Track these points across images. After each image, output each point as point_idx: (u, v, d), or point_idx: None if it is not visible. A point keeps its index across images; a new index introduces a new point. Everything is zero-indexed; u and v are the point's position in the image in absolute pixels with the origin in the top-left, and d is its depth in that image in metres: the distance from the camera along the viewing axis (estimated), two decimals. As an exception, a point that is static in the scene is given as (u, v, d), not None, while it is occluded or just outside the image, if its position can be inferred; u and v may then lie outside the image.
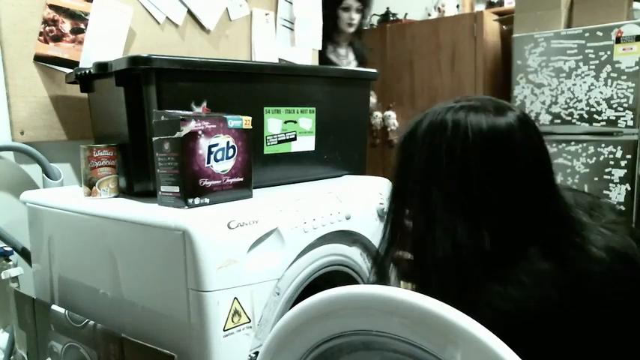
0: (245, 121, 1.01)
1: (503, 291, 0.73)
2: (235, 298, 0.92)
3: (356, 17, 2.50)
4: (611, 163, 2.53)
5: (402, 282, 1.25)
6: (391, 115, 2.99)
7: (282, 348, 0.79)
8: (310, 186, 1.23)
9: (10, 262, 1.29)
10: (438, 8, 3.29)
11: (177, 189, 0.95)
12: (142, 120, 1.06)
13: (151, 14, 1.57)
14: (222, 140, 0.98)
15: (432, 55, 3.02)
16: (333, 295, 0.71)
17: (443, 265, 0.77)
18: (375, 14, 3.33)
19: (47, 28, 1.36)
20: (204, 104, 1.07)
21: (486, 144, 0.75)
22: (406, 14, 3.26)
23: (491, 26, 2.95)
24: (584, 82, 2.57)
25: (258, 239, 0.97)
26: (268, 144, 1.20)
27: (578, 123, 2.61)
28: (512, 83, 2.77)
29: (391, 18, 3.26)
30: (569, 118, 2.64)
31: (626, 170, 2.49)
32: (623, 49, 2.43)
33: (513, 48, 2.75)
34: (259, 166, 1.16)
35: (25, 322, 1.18)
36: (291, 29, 2.02)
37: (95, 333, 0.99)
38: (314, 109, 1.28)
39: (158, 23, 1.60)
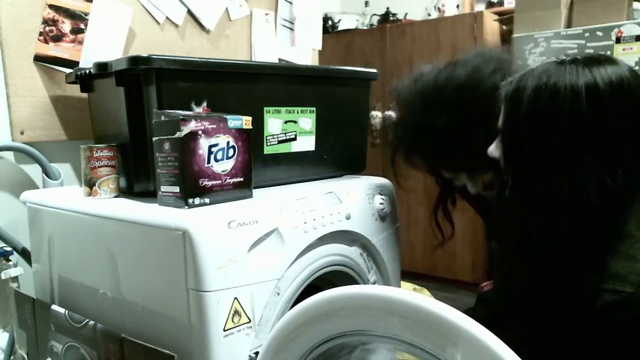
0: (245, 121, 1.01)
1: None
2: (235, 298, 0.92)
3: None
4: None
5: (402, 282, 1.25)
6: (391, 115, 2.99)
7: (282, 348, 0.79)
8: (310, 186, 1.23)
9: (10, 262, 1.29)
10: (438, 8, 3.29)
11: (177, 189, 0.95)
12: (142, 120, 1.06)
13: (151, 14, 1.57)
14: (223, 140, 0.98)
15: (432, 55, 3.02)
16: (333, 295, 0.71)
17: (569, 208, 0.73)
18: (375, 14, 3.33)
19: (47, 28, 1.36)
20: (204, 104, 1.07)
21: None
22: (406, 14, 3.26)
23: (491, 26, 2.95)
24: (584, 82, 2.57)
25: (258, 239, 0.97)
26: (268, 144, 1.20)
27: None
28: (512, 83, 2.76)
29: (391, 18, 3.26)
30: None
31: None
32: (623, 49, 2.43)
33: (513, 48, 2.75)
34: (259, 166, 1.16)
35: (25, 322, 1.18)
36: (291, 29, 2.02)
37: (95, 333, 0.99)
38: (314, 109, 1.28)
39: (158, 23, 1.60)
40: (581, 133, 0.74)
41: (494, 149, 0.89)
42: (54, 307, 1.08)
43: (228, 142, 0.98)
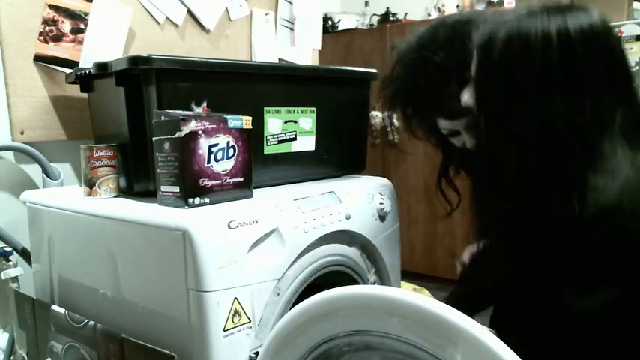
0: (245, 121, 1.01)
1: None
2: (235, 298, 0.92)
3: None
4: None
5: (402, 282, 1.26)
6: (391, 115, 3.00)
7: (282, 348, 0.79)
8: (310, 186, 1.23)
9: (10, 262, 1.29)
10: (438, 8, 3.29)
11: (177, 189, 0.95)
12: (142, 120, 1.06)
13: (151, 14, 1.57)
14: (223, 140, 0.98)
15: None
16: (333, 295, 0.71)
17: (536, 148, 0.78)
18: (375, 14, 3.33)
19: (47, 28, 1.36)
20: (204, 104, 1.07)
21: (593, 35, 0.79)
22: (406, 14, 3.26)
23: (491, 26, 2.94)
24: (584, 82, 2.56)
25: (258, 239, 0.97)
26: (268, 144, 1.20)
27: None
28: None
29: (391, 18, 3.26)
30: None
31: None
32: (623, 49, 2.42)
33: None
34: (259, 166, 1.16)
35: (25, 322, 1.18)
36: (291, 29, 2.02)
37: (95, 333, 0.99)
38: (314, 109, 1.28)
39: (158, 23, 1.60)
40: (552, 77, 0.78)
41: (467, 97, 0.92)
42: (54, 307, 1.08)
43: (228, 142, 0.98)
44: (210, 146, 0.96)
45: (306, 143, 1.28)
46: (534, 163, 0.79)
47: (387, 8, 3.31)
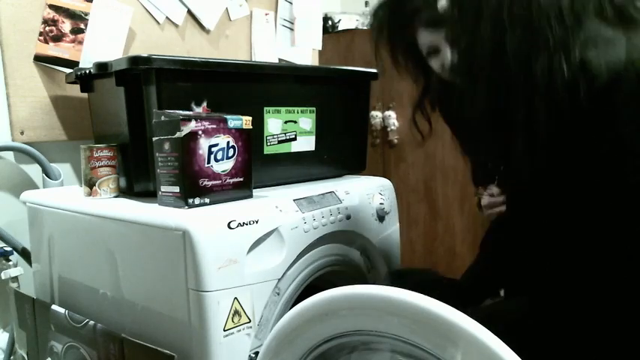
0: (245, 121, 1.01)
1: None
2: (235, 298, 0.92)
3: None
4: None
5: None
6: (391, 115, 2.99)
7: (282, 348, 0.79)
8: (310, 186, 1.23)
9: (10, 262, 1.29)
10: (438, 8, 3.29)
11: (177, 189, 0.95)
12: (142, 120, 1.06)
13: (151, 14, 1.57)
14: (223, 140, 0.98)
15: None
16: (332, 295, 0.71)
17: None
18: (375, 14, 3.33)
19: (47, 28, 1.36)
20: (204, 104, 1.07)
21: None
22: (406, 14, 3.27)
23: (491, 26, 2.94)
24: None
25: (258, 239, 0.97)
26: (268, 144, 1.20)
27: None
28: (512, 83, 2.75)
29: (391, 18, 3.27)
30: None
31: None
32: (623, 49, 2.42)
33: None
34: (259, 166, 1.16)
35: (25, 322, 1.18)
36: (291, 29, 2.02)
37: (95, 333, 0.99)
38: (314, 109, 1.28)
39: (158, 23, 1.60)
40: None
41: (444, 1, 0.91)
42: (54, 307, 1.08)
43: (228, 142, 0.98)
44: (210, 146, 0.96)
45: (306, 143, 1.28)
46: (512, 28, 0.77)
47: (387, 8, 3.31)
